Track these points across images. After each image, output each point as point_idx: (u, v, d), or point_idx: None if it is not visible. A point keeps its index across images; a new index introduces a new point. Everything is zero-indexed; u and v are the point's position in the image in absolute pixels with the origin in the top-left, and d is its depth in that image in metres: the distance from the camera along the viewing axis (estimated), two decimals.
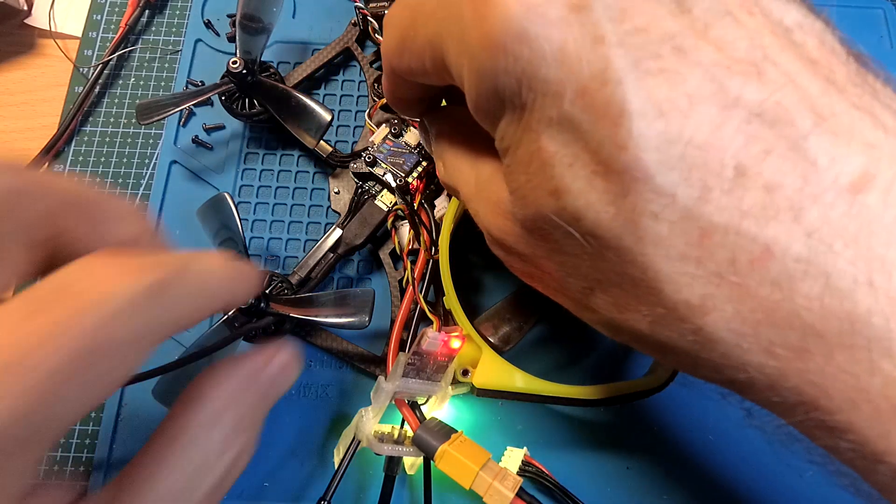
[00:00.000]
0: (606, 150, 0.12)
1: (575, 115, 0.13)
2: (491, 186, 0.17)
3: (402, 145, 0.30)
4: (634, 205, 0.12)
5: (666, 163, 0.12)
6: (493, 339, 0.26)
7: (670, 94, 0.12)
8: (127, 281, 0.12)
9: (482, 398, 0.26)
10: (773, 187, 0.12)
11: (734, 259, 0.12)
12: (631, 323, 0.15)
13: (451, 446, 0.24)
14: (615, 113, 0.12)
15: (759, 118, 0.12)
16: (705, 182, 0.12)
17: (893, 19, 0.36)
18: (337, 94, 0.34)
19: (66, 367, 0.11)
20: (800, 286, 0.12)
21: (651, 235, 0.13)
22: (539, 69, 0.13)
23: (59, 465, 0.28)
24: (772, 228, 0.12)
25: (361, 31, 0.33)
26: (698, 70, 0.12)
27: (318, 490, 0.25)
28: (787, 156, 0.12)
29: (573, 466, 0.27)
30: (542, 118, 0.13)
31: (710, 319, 0.13)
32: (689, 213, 0.12)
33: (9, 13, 0.35)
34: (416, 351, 0.24)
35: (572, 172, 0.13)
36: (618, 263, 0.13)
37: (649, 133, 0.12)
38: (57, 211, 0.14)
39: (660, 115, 0.12)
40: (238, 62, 0.29)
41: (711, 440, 0.28)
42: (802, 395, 0.13)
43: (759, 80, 0.12)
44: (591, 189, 0.13)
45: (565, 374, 0.29)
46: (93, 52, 0.35)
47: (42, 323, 0.11)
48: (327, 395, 0.29)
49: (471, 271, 0.31)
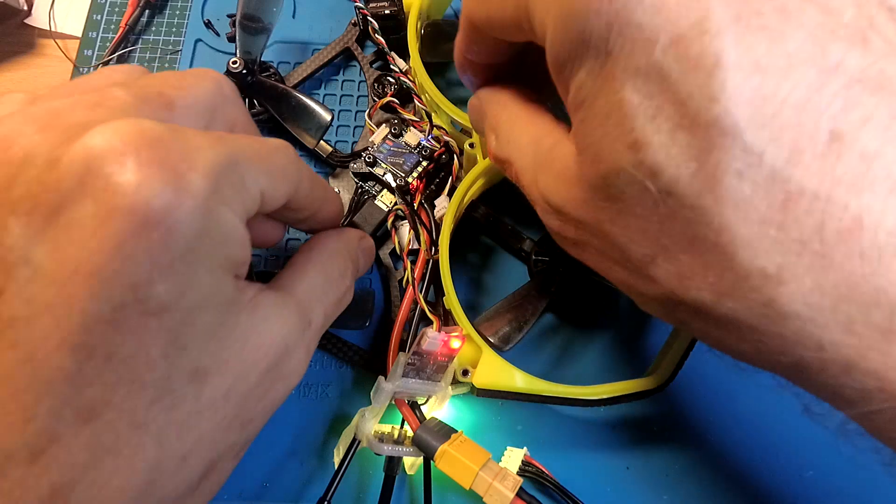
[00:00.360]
0: (696, 101, 0.12)
1: (665, 64, 0.12)
2: (553, 153, 0.17)
3: (402, 145, 0.30)
4: (718, 161, 0.12)
5: (757, 120, 0.12)
6: (493, 339, 0.26)
7: (770, 51, 0.12)
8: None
9: (482, 398, 0.26)
10: (870, 156, 0.12)
11: (821, 227, 0.12)
12: (693, 293, 0.14)
13: (451, 446, 0.24)
14: (710, 64, 0.12)
15: (861, 84, 0.12)
16: (797, 144, 0.12)
17: None
18: (337, 94, 0.34)
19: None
20: (891, 261, 0.12)
21: (733, 195, 0.12)
22: (634, 13, 0.12)
23: None
24: (866, 198, 0.12)
25: (361, 31, 0.33)
26: (801, 31, 0.12)
27: (318, 490, 0.25)
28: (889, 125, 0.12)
29: (573, 466, 0.27)
30: (629, 66, 0.13)
31: (785, 290, 0.12)
32: (776, 174, 0.12)
33: (9, 13, 0.35)
34: (416, 351, 0.24)
35: (655, 125, 0.13)
36: (692, 225, 0.13)
37: (744, 88, 0.12)
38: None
39: (756, 70, 0.12)
40: (238, 62, 0.29)
41: (711, 440, 0.28)
42: (883, 381, 0.12)
43: (864, 47, 0.12)
44: (673, 143, 0.12)
45: (565, 374, 0.29)
46: (93, 52, 0.35)
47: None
48: (327, 395, 0.29)
49: (471, 271, 0.31)
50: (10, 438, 0.14)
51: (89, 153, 0.14)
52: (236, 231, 0.16)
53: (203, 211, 0.15)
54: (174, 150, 0.15)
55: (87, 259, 0.14)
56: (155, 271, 0.14)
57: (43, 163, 0.14)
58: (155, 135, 0.15)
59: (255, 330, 0.17)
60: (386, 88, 0.32)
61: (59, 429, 0.14)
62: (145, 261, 0.14)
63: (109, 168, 0.14)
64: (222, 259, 0.16)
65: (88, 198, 0.14)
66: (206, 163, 0.15)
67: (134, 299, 0.14)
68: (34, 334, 0.14)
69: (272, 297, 0.19)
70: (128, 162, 0.14)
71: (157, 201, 0.14)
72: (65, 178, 0.14)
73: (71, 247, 0.14)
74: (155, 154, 0.14)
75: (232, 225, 0.16)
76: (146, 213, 0.14)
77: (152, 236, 0.14)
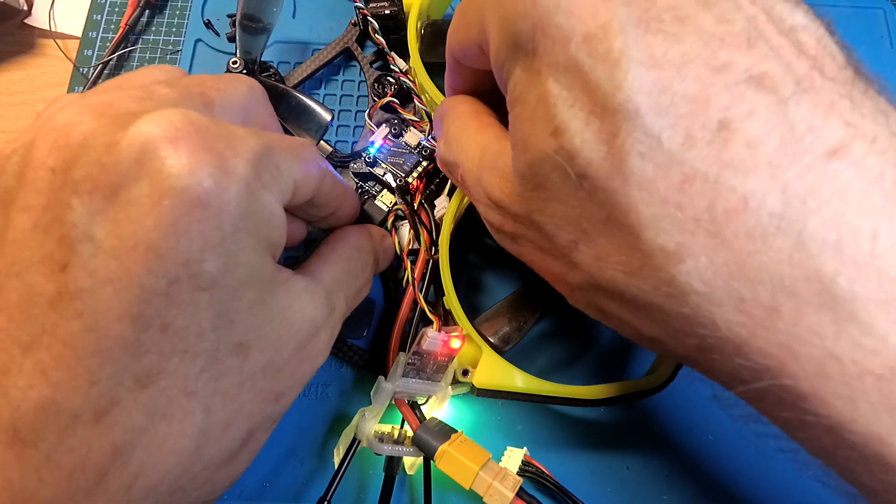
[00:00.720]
0: (603, 90, 0.13)
1: (579, 58, 0.14)
2: (497, 156, 0.18)
3: (402, 145, 0.30)
4: (623, 143, 0.13)
5: (656, 108, 0.13)
6: (493, 339, 0.26)
7: (667, 50, 0.13)
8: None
9: (482, 398, 0.26)
10: (753, 143, 0.13)
11: (712, 207, 0.13)
12: (609, 275, 0.15)
13: (451, 446, 0.24)
14: (615, 58, 0.13)
15: (746, 83, 0.13)
16: (690, 130, 0.13)
17: (893, 19, 0.36)
18: (337, 94, 0.34)
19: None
20: (772, 240, 0.12)
21: (636, 176, 0.13)
22: (553, 15, 0.14)
23: None
24: (750, 182, 0.13)
25: (361, 31, 0.33)
26: (695, 35, 0.13)
27: (318, 490, 0.25)
28: (769, 118, 0.13)
29: (573, 466, 0.27)
30: (551, 62, 0.14)
31: (683, 268, 0.13)
32: (673, 157, 0.13)
33: (9, 13, 0.35)
34: (416, 351, 0.24)
35: (572, 113, 0.14)
36: (605, 207, 0.14)
37: (643, 79, 0.13)
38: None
39: (654, 65, 0.13)
40: (238, 62, 0.29)
41: (711, 440, 0.28)
42: (769, 359, 0.13)
43: (750, 51, 0.13)
44: (586, 128, 0.14)
45: (565, 374, 0.29)
46: (93, 52, 0.35)
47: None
48: (327, 395, 0.29)
49: (471, 271, 0.31)
50: (76, 400, 0.15)
51: (145, 138, 0.15)
52: (276, 214, 0.18)
53: (247, 193, 0.16)
54: (219, 138, 0.16)
55: (145, 235, 0.15)
56: (206, 248, 0.15)
57: (102, 146, 0.15)
58: (202, 123, 0.16)
59: (290, 309, 0.19)
60: (386, 88, 0.32)
61: (119, 393, 0.15)
62: (197, 238, 0.15)
63: (164, 152, 0.15)
64: (264, 240, 0.17)
65: (144, 179, 0.15)
66: (248, 150, 0.17)
67: (187, 274, 0.15)
68: (97, 305, 0.15)
69: (303, 280, 0.20)
70: (180, 146, 0.15)
71: (207, 183, 0.15)
72: (123, 161, 0.15)
73: (130, 224, 0.15)
74: (203, 140, 0.16)
75: (272, 208, 0.18)
76: (198, 194, 0.15)
77: (203, 215, 0.15)
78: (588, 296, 0.17)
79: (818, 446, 0.14)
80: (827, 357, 0.12)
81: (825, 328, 0.12)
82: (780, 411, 0.14)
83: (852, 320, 0.12)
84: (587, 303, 0.17)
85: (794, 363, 0.13)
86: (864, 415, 0.12)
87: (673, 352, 0.16)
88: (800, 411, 0.13)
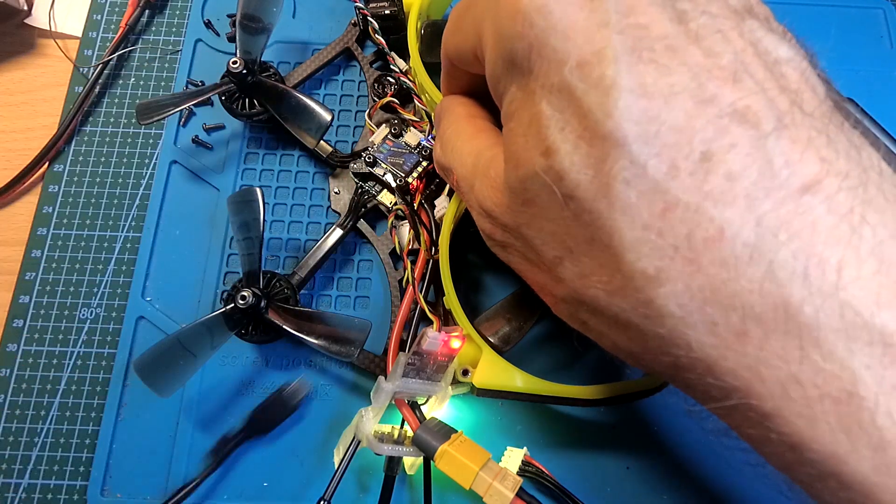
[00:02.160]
0: (594, 115, 0.14)
1: (572, 82, 0.14)
2: (488, 162, 0.19)
3: (402, 145, 0.30)
4: (610, 169, 0.14)
5: (643, 137, 0.13)
6: (493, 339, 0.26)
7: (656, 80, 0.14)
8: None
9: (482, 398, 0.26)
10: (733, 176, 0.13)
11: (690, 235, 0.13)
12: (591, 292, 0.15)
13: (451, 446, 0.24)
14: (607, 84, 0.14)
15: (730, 116, 0.13)
16: (675, 161, 0.13)
17: (893, 19, 0.36)
18: (337, 94, 0.34)
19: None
20: (745, 269, 0.13)
21: (621, 201, 0.14)
22: (549, 38, 0.14)
23: (59, 465, 0.28)
24: (728, 212, 0.13)
25: (361, 31, 0.33)
26: (684, 68, 0.14)
27: (318, 490, 0.25)
28: (749, 151, 0.13)
29: (573, 466, 0.27)
30: (546, 83, 0.15)
31: (662, 292, 0.14)
32: (657, 185, 0.13)
33: (9, 13, 0.35)
34: (416, 351, 0.24)
35: (563, 135, 0.14)
36: (589, 228, 0.15)
37: (633, 108, 0.13)
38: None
39: (644, 95, 0.13)
40: (238, 62, 0.29)
41: (711, 440, 0.28)
42: (738, 380, 0.14)
43: (735, 85, 0.14)
44: (576, 151, 0.14)
45: (565, 374, 0.29)
46: (93, 52, 0.35)
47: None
48: (327, 395, 0.29)
49: (471, 271, 0.31)
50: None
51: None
52: None
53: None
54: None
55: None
56: None
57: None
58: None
59: None
60: (386, 88, 0.32)
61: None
62: None
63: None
64: None
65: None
66: None
67: None
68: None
69: None
70: None
71: None
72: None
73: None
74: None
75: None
76: None
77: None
78: (571, 308, 0.17)
79: (782, 462, 0.15)
80: (790, 380, 0.13)
81: (790, 353, 0.13)
82: (747, 428, 0.15)
83: (815, 346, 0.13)
84: (570, 315, 0.18)
85: (761, 384, 0.13)
86: (823, 434, 0.13)
87: (649, 367, 0.16)
88: (765, 429, 0.14)
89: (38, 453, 0.28)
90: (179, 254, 0.31)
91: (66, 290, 0.31)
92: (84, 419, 0.29)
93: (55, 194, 0.33)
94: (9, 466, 0.28)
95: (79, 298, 0.31)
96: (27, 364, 0.30)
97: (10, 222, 0.33)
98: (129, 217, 0.32)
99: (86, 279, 0.31)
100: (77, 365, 0.30)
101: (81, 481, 0.28)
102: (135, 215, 0.32)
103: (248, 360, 0.29)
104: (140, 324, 0.30)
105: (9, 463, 0.28)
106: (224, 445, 0.27)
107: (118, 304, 0.31)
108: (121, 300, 0.31)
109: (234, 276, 0.31)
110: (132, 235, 0.32)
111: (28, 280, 0.31)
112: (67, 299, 0.31)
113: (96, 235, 0.32)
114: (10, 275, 0.31)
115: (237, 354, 0.29)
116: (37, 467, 0.28)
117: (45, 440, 0.29)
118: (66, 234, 0.32)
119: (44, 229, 0.32)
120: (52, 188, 0.33)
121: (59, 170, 0.33)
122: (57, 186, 0.33)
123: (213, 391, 0.29)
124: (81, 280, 0.31)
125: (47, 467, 0.28)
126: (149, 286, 0.31)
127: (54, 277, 0.31)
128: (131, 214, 0.32)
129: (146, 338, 0.30)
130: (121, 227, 0.32)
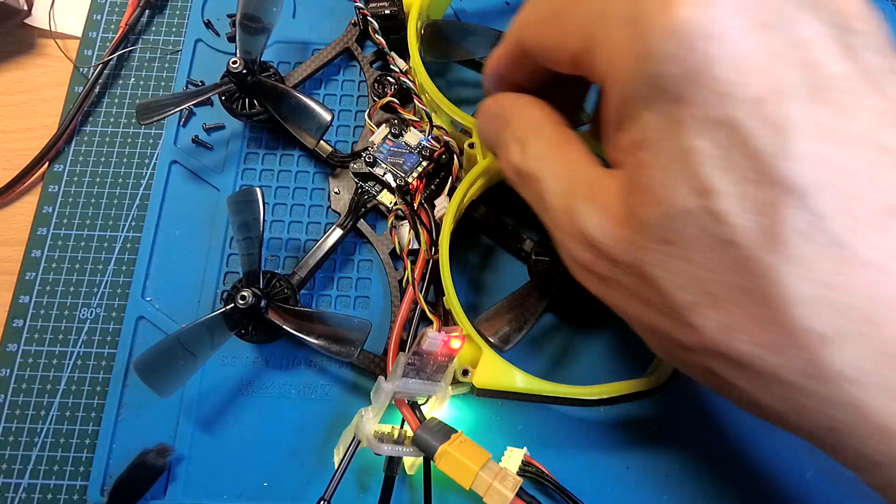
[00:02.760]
0: (767, 158, 0.13)
1: (740, 119, 0.13)
2: (595, 186, 0.17)
3: (402, 145, 0.30)
4: (785, 219, 0.13)
5: (823, 186, 0.12)
6: (493, 339, 0.26)
7: (836, 125, 0.13)
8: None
9: (482, 398, 0.26)
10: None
11: (873, 295, 0.12)
12: (737, 345, 0.14)
13: (451, 446, 0.24)
14: (782, 125, 0.13)
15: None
16: (858, 214, 0.12)
17: (894, 19, 0.36)
18: (337, 94, 0.34)
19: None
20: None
21: (794, 253, 0.13)
22: (712, 67, 0.13)
23: (59, 465, 0.28)
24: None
25: (361, 31, 0.33)
26: (863, 112, 0.13)
27: (318, 490, 0.25)
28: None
29: (573, 466, 0.27)
30: (702, 115, 0.13)
31: (833, 351, 0.13)
32: (837, 239, 0.12)
33: (9, 13, 0.35)
34: (416, 351, 0.24)
35: (724, 175, 0.13)
36: (747, 276, 0.13)
37: (811, 153, 0.12)
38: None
39: (823, 139, 0.12)
40: (238, 62, 0.29)
41: (711, 440, 0.28)
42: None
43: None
44: (741, 194, 0.13)
45: (565, 374, 0.29)
46: (93, 52, 0.35)
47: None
48: (327, 395, 0.29)
49: (471, 271, 0.31)
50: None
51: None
52: None
53: None
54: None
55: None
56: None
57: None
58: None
59: None
60: (386, 88, 0.32)
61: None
62: None
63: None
64: None
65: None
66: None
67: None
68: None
69: None
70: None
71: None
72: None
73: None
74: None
75: None
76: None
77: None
78: (698, 358, 0.16)
79: None
80: None
81: None
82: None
83: None
84: (694, 364, 0.16)
85: None
86: None
87: (793, 424, 0.15)
88: None
89: (38, 453, 0.28)
90: (179, 254, 0.31)
91: (66, 290, 0.31)
92: (84, 419, 0.29)
93: (55, 194, 0.33)
94: (9, 466, 0.28)
95: (79, 298, 0.31)
96: (27, 364, 0.30)
97: (10, 222, 0.33)
98: (129, 217, 0.32)
99: (86, 279, 0.31)
100: (77, 365, 0.30)
101: (81, 481, 0.28)
102: (135, 215, 0.32)
103: (248, 360, 0.29)
104: (140, 324, 0.30)
105: (9, 463, 0.28)
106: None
107: (118, 304, 0.31)
108: (121, 300, 0.31)
109: (234, 276, 0.31)
110: (132, 235, 0.32)
111: (28, 280, 0.31)
112: (67, 299, 0.31)
113: (96, 235, 0.32)
114: (10, 275, 0.31)
115: (237, 354, 0.29)
116: (37, 467, 0.28)
117: (45, 440, 0.29)
118: (66, 234, 0.32)
119: (44, 229, 0.32)
120: (52, 188, 0.33)
121: (59, 170, 0.33)
122: (57, 186, 0.33)
123: (213, 391, 0.29)
124: (81, 280, 0.31)
125: (47, 467, 0.28)
126: (149, 286, 0.31)
127: (54, 277, 0.31)
128: (131, 214, 0.32)
129: (146, 338, 0.30)
130: (121, 227, 0.32)
